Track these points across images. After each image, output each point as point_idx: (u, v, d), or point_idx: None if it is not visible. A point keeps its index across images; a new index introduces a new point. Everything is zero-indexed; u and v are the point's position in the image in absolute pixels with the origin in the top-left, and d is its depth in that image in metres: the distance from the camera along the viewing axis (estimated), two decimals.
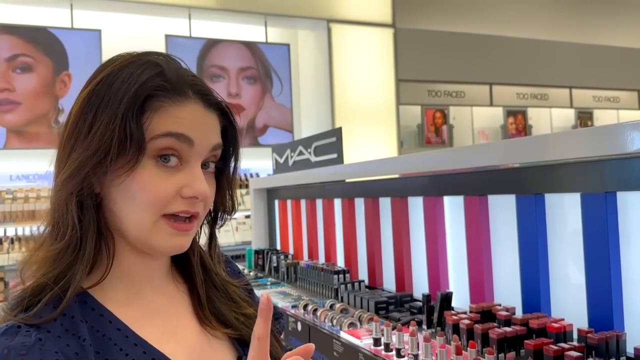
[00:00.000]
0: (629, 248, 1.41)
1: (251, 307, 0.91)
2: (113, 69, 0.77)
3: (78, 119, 0.76)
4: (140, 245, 0.79)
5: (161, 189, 0.75)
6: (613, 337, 1.30)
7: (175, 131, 0.75)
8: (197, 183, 0.77)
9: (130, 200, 0.75)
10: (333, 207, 2.98)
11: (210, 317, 0.86)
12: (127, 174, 0.74)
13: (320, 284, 2.47)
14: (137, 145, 0.73)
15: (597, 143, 1.34)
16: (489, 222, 1.86)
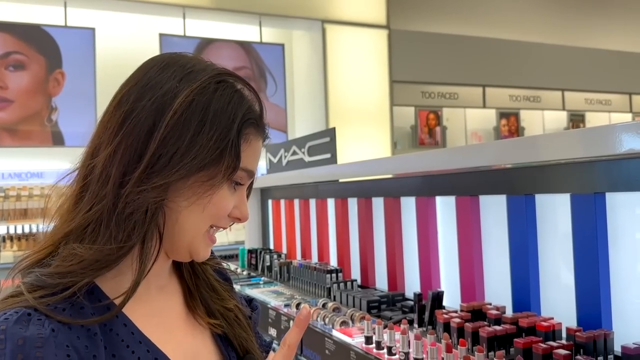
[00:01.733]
0: (618, 248, 1.43)
1: (232, 299, 0.93)
2: (208, 83, 0.78)
3: (176, 124, 0.75)
4: (181, 250, 0.82)
5: (227, 207, 0.81)
6: (601, 335, 1.31)
7: (250, 169, 0.83)
8: (244, 207, 0.84)
9: (198, 210, 0.79)
10: (326, 207, 2.99)
11: (199, 307, 0.87)
12: (214, 189, 0.78)
13: (313, 283, 2.48)
14: (234, 168, 0.79)
15: (588, 144, 1.36)
16: (480, 222, 1.88)
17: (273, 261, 2.98)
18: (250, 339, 0.92)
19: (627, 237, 1.42)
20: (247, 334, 0.92)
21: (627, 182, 1.36)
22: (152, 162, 0.74)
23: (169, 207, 0.78)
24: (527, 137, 1.54)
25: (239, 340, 0.90)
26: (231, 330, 0.90)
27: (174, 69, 0.79)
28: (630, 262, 1.42)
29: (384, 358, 1.45)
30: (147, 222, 0.75)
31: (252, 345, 0.92)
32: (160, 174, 0.74)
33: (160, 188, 0.74)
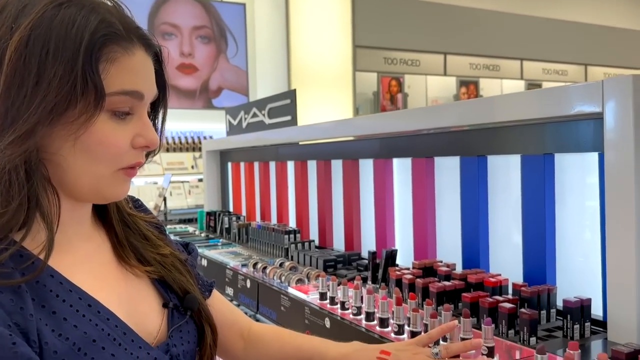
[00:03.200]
0: (564, 208, 1.49)
1: (167, 246, 0.93)
2: (45, 11, 0.70)
3: (15, 69, 0.69)
4: (89, 195, 0.78)
5: (119, 142, 0.75)
6: (545, 290, 1.38)
7: (131, 89, 0.75)
8: (148, 133, 0.78)
9: (84, 153, 0.73)
10: (286, 170, 2.99)
11: (130, 256, 0.86)
12: (84, 128, 0.72)
13: (271, 244, 2.49)
14: (98, 99, 0.71)
15: (541, 105, 1.40)
16: (434, 183, 1.91)
17: (232, 223, 2.97)
18: (189, 282, 0.92)
19: (573, 197, 1.48)
20: (185, 277, 0.92)
21: (576, 143, 1.41)
22: (1, 117, 0.69)
23: (51, 156, 0.73)
24: (482, 98, 1.57)
25: (178, 284, 0.91)
26: (169, 275, 0.90)
27: (9, 9, 0.71)
28: (575, 221, 1.48)
29: (337, 312, 1.49)
30: (28, 178, 0.71)
31: (192, 287, 0.92)
32: (12, 128, 0.68)
33: (21, 141, 0.68)
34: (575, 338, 1.23)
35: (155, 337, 0.85)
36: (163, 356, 0.82)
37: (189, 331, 0.89)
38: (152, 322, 0.86)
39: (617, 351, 1.02)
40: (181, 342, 0.87)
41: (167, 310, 0.88)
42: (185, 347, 0.87)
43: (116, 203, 0.89)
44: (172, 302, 0.89)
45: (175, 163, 5.96)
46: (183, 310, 0.90)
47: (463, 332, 1.17)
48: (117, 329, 0.78)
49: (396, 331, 1.28)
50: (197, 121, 6.01)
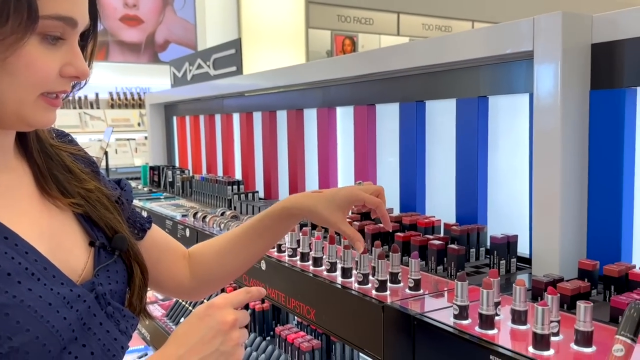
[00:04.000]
0: (496, 150, 1.52)
1: (92, 181, 0.88)
2: None
3: None
4: (12, 122, 0.73)
5: (47, 68, 0.71)
6: (474, 229, 1.41)
7: (64, 15, 0.71)
8: (79, 62, 0.75)
9: (9, 77, 0.69)
10: (232, 122, 2.93)
11: (52, 187, 0.82)
12: (12, 49, 0.67)
13: (215, 195, 2.45)
14: (30, 20, 0.67)
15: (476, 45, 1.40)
16: (375, 130, 1.91)
17: (175, 177, 2.90)
18: (117, 220, 0.88)
19: (505, 139, 1.51)
20: (113, 215, 0.88)
21: (509, 85, 1.42)
22: None
23: None
24: (421, 40, 1.56)
25: (105, 222, 0.87)
26: (94, 211, 0.86)
27: None
28: (507, 163, 1.51)
29: (274, 255, 1.48)
30: None
31: (120, 226, 0.88)
32: None
33: None
34: (502, 273, 1.27)
35: (80, 275, 0.80)
36: (87, 294, 0.78)
37: (117, 271, 0.85)
38: (77, 259, 0.81)
39: (537, 281, 1.06)
40: (108, 281, 0.83)
41: (94, 248, 0.84)
42: (113, 287, 0.84)
43: (37, 133, 0.84)
44: (99, 241, 0.85)
45: (121, 120, 5.76)
46: (111, 250, 0.86)
47: (392, 266, 1.18)
48: (37, 264, 0.73)
49: (328, 269, 1.29)
50: (143, 76, 5.80)
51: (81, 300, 0.76)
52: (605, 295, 1.05)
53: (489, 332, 0.89)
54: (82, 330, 0.75)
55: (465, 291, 0.94)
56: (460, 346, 0.89)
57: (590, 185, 1.22)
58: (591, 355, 0.80)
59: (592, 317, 0.82)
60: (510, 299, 1.06)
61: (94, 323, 0.77)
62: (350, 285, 1.19)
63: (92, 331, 0.76)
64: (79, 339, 0.74)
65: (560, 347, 0.83)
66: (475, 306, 1.00)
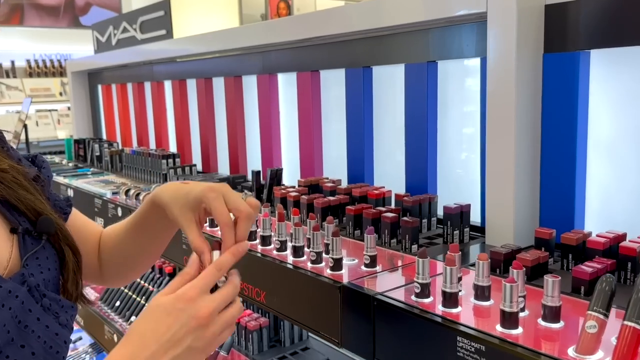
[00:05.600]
0: (446, 117, 1.47)
1: (5, 160, 0.76)
2: None
3: None
4: None
5: None
6: (426, 199, 1.37)
7: None
8: None
9: None
10: (163, 90, 2.74)
11: None
12: None
13: (148, 170, 2.30)
14: None
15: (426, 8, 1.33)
16: (320, 98, 1.82)
17: (103, 150, 2.70)
18: (40, 201, 0.77)
19: (455, 105, 1.46)
20: (33, 195, 0.76)
21: (459, 49, 1.37)
22: None
23: None
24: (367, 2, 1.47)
25: (25, 204, 0.75)
26: (12, 193, 0.74)
27: None
28: (457, 130, 1.47)
29: (216, 234, 1.38)
30: None
31: (43, 207, 0.77)
32: None
33: None
34: (455, 243, 1.24)
35: (6, 267, 0.70)
36: (19, 288, 0.67)
37: (47, 257, 0.76)
38: (0, 250, 0.70)
39: (495, 252, 1.03)
40: (39, 270, 0.73)
41: (17, 235, 0.74)
42: (46, 276, 0.74)
43: None
44: (21, 227, 0.74)
45: (41, 90, 5.34)
46: (37, 235, 0.76)
47: (326, 238, 1.12)
48: None
49: (278, 247, 1.20)
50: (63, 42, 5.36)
51: (12, 296, 0.66)
52: (563, 264, 1.04)
53: (453, 310, 0.85)
54: (18, 329, 0.66)
55: (426, 268, 0.89)
56: (424, 327, 0.85)
57: (543, 151, 1.19)
58: (560, 331, 0.78)
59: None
60: (469, 271, 1.02)
61: (30, 320, 0.68)
62: (303, 265, 1.11)
63: (29, 329, 0.67)
64: (15, 340, 0.65)
65: (527, 324, 0.80)
66: (434, 282, 0.96)
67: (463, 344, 0.78)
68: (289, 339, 1.81)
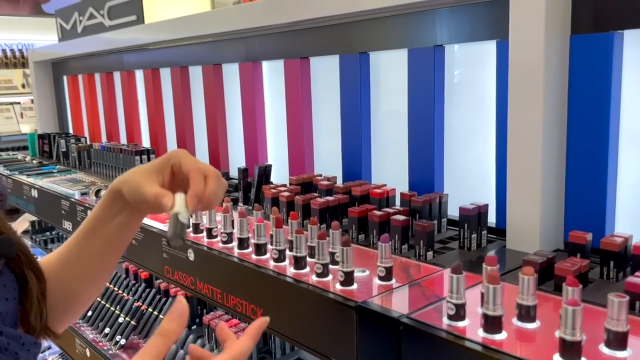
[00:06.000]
0: (454, 106, 1.34)
1: None
2: None
3: None
4: None
5: None
6: (436, 199, 1.24)
7: None
8: None
9: None
10: (134, 80, 2.54)
11: None
12: None
13: (120, 167, 2.11)
14: None
15: None
16: (310, 87, 1.67)
17: (70, 146, 2.49)
18: None
19: (465, 95, 1.33)
20: None
21: (471, 31, 1.23)
22: None
23: None
24: None
25: None
26: None
27: None
28: (467, 120, 1.34)
29: (204, 242, 1.22)
30: None
31: (2, 224, 0.66)
32: None
33: None
34: (473, 248, 1.11)
35: None
36: None
37: (4, 285, 0.65)
38: None
39: (529, 261, 0.90)
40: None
41: None
42: (2, 308, 0.62)
43: None
44: None
45: (1, 81, 5.03)
46: None
47: (332, 246, 0.98)
48: None
49: (276, 258, 1.05)
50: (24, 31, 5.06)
51: None
52: (603, 272, 0.92)
53: (496, 337, 0.72)
54: None
55: (462, 286, 0.76)
56: (461, 356, 0.71)
57: (570, 144, 1.07)
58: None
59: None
60: None
61: None
62: (306, 278, 0.97)
63: None
64: None
65: (588, 352, 0.67)
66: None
67: None
68: (279, 350, 1.66)
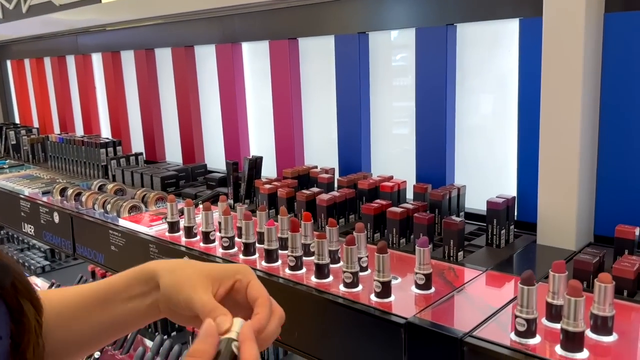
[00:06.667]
0: (466, 91, 1.24)
1: None
2: None
3: None
4: None
5: None
6: (454, 191, 1.14)
7: None
8: None
9: None
10: (91, 65, 2.32)
11: None
12: None
13: (82, 161, 1.91)
14: None
15: None
16: (299, 71, 1.54)
17: (21, 138, 2.26)
18: None
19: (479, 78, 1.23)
20: None
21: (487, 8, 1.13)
22: None
23: None
24: None
25: None
26: None
27: None
28: (479, 106, 1.25)
29: (199, 247, 1.08)
30: None
31: None
32: None
33: None
34: (502, 245, 1.03)
35: None
36: None
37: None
38: None
39: (582, 262, 0.82)
40: None
41: None
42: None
43: None
44: None
45: None
46: None
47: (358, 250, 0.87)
48: None
49: (292, 266, 0.93)
50: None
51: None
52: None
53: (577, 356, 0.63)
54: None
55: (533, 299, 0.66)
56: None
57: (602, 130, 0.99)
58: None
59: None
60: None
61: None
62: (335, 290, 0.85)
63: None
64: None
65: None
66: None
67: None
68: (272, 356, 1.55)
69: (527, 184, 1.09)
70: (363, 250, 0.90)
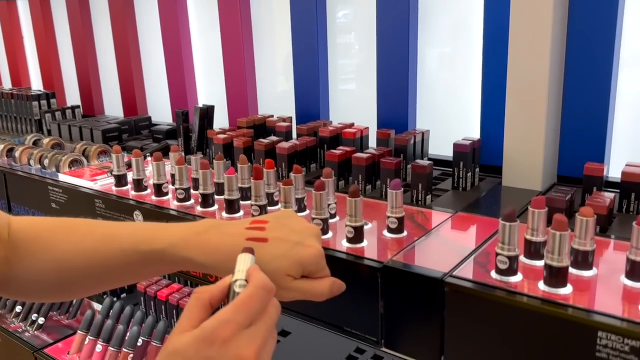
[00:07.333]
0: (428, 31, 1.20)
1: None
2: None
3: None
4: None
5: None
6: (418, 136, 1.11)
7: None
8: None
9: None
10: (16, 10, 2.11)
11: None
12: None
13: (12, 116, 1.75)
14: None
15: None
16: (250, 13, 1.44)
17: None
18: None
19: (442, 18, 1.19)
20: None
21: None
22: None
23: None
24: None
25: None
26: None
27: None
28: (443, 47, 1.21)
29: (151, 200, 1.00)
30: None
31: None
32: None
33: None
34: (467, 188, 1.01)
35: None
36: None
37: None
38: None
39: (554, 199, 0.81)
40: None
41: None
42: None
43: None
44: None
45: None
46: None
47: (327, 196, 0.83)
48: None
49: (257, 215, 0.87)
50: None
51: None
52: (623, 205, 0.85)
53: (560, 291, 0.61)
54: None
55: (515, 235, 0.64)
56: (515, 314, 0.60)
57: (568, 70, 0.98)
58: None
59: None
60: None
61: None
62: None
63: None
64: None
65: None
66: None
67: (609, 341, 0.55)
68: None
69: (490, 127, 1.07)
70: (332, 197, 0.85)
